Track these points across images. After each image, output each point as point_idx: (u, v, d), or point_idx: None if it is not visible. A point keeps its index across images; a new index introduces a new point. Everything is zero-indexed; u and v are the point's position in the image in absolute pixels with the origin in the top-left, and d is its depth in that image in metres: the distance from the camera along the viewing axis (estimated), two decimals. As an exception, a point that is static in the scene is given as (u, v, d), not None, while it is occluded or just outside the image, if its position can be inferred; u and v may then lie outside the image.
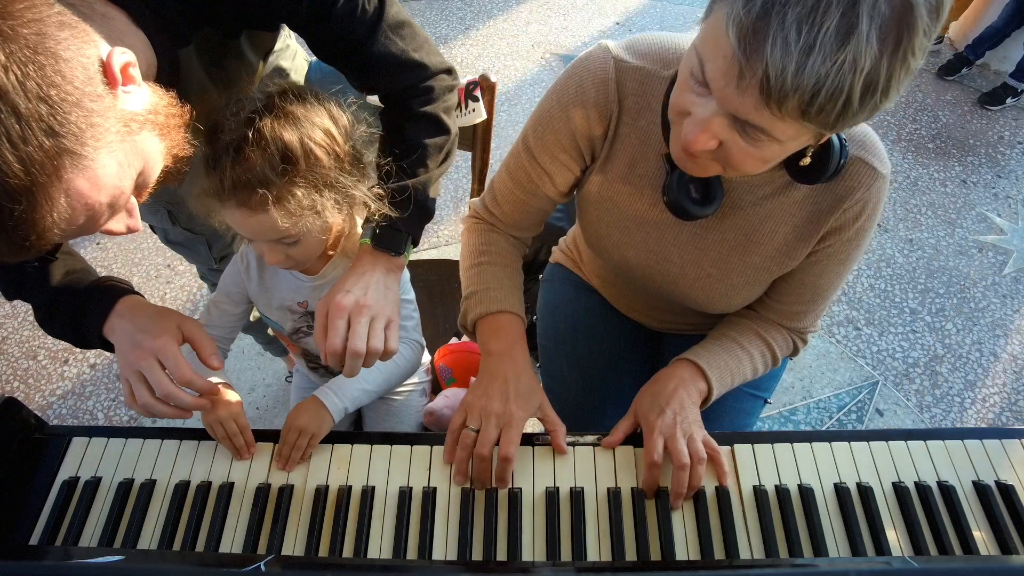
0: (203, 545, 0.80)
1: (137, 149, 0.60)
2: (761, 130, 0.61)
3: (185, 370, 0.75)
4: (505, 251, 1.02)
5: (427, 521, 0.80)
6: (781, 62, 0.53)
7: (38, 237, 0.54)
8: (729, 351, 0.94)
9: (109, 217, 0.61)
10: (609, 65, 0.83)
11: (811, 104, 0.55)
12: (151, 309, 0.80)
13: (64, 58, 0.52)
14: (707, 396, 0.90)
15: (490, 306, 0.95)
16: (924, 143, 2.87)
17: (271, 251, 0.86)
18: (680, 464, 0.80)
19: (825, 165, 0.74)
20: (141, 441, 0.89)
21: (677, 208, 0.81)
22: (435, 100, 0.89)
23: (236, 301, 1.04)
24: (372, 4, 0.79)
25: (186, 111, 0.68)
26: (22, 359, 2.03)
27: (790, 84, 0.54)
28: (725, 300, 0.95)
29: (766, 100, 0.56)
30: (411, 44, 0.85)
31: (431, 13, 3.46)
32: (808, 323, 0.98)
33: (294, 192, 0.77)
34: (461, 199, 2.51)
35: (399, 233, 0.88)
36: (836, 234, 0.85)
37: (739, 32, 0.55)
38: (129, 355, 0.76)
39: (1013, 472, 0.85)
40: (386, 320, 0.82)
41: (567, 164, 0.92)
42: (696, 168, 0.73)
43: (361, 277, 0.84)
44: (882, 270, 2.38)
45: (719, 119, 0.63)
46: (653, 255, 0.94)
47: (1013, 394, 2.03)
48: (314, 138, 0.78)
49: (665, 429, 0.83)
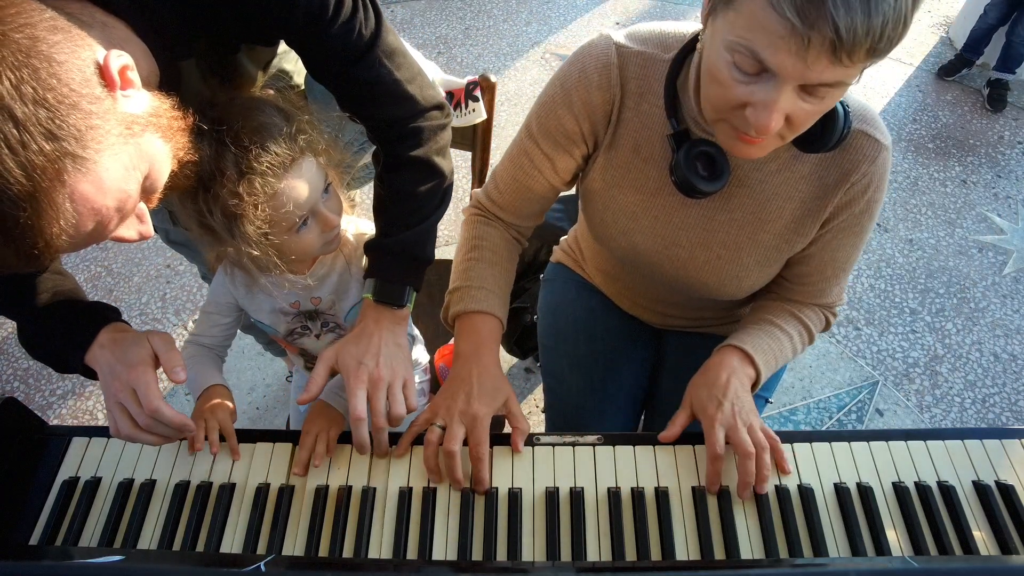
0: (203, 545, 0.80)
1: (141, 151, 0.60)
2: (830, 86, 0.65)
3: (154, 401, 0.75)
4: (498, 247, 1.02)
5: (427, 521, 0.80)
6: (848, 16, 0.57)
7: (47, 244, 0.53)
8: (770, 334, 0.94)
9: (119, 223, 0.60)
10: (611, 50, 0.85)
11: (880, 40, 0.59)
12: (130, 337, 0.81)
13: (58, 61, 0.52)
14: (756, 381, 0.91)
15: (468, 305, 0.95)
16: (924, 143, 2.87)
17: (327, 209, 0.85)
18: (746, 453, 0.80)
19: (830, 133, 0.76)
20: (141, 441, 0.89)
21: (686, 186, 0.81)
22: (425, 143, 0.88)
23: (225, 312, 1.03)
24: (369, 28, 0.79)
25: (189, 115, 0.68)
26: (22, 359, 2.03)
27: (862, 32, 0.58)
28: (736, 282, 0.96)
29: (839, 57, 0.60)
30: (404, 74, 0.84)
31: (431, 13, 3.46)
32: (835, 297, 0.99)
33: (302, 117, 0.81)
34: (461, 199, 2.51)
35: (400, 286, 0.90)
36: (847, 208, 0.86)
37: (797, 8, 0.58)
38: (110, 386, 0.77)
39: (1013, 472, 0.85)
40: (401, 382, 0.86)
41: (569, 150, 0.92)
42: (758, 150, 0.75)
43: (370, 341, 0.86)
44: (882, 270, 2.38)
45: (785, 95, 0.66)
46: (662, 240, 0.94)
47: (1013, 394, 2.03)
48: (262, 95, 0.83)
49: (725, 421, 0.83)
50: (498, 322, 0.96)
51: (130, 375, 0.76)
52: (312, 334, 1.06)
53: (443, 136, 0.92)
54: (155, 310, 2.17)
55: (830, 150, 0.79)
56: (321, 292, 1.00)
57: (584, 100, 0.87)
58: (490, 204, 1.03)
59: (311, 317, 1.04)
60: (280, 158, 0.77)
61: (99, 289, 2.23)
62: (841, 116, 0.75)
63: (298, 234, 0.85)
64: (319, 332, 1.06)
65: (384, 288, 0.89)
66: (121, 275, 2.26)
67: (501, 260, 1.01)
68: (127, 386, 0.76)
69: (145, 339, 0.80)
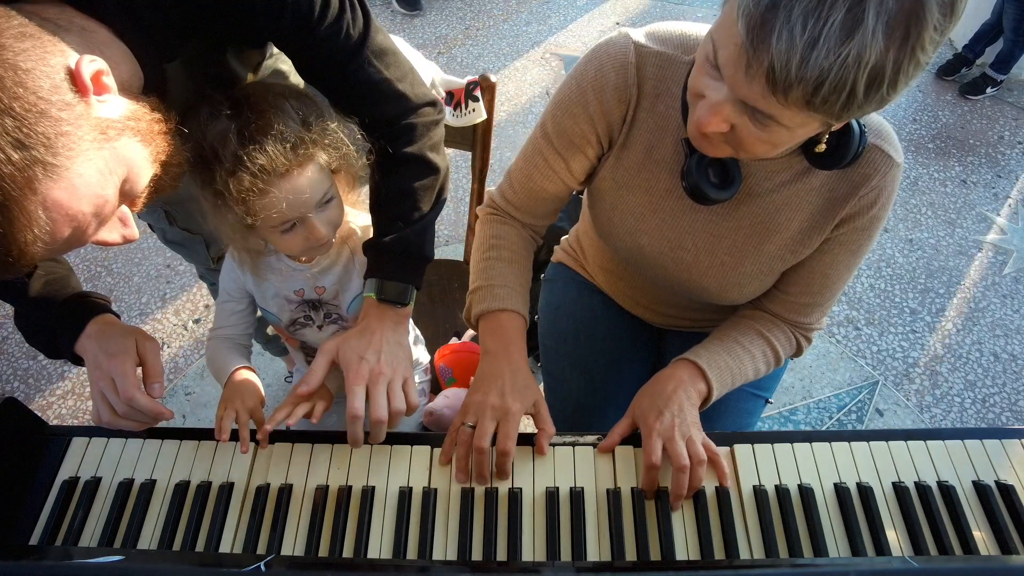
0: (203, 545, 0.80)
1: (118, 156, 0.59)
2: (769, 116, 0.63)
3: (129, 388, 0.78)
4: (516, 245, 1.02)
5: (427, 521, 0.80)
6: (786, 54, 0.55)
7: (20, 252, 0.53)
8: (730, 351, 0.93)
9: (97, 227, 0.60)
10: (629, 49, 0.84)
11: (815, 95, 0.57)
12: (117, 329, 0.83)
13: (24, 68, 0.51)
14: (707, 397, 0.90)
15: (492, 303, 0.95)
16: (924, 143, 2.87)
17: (320, 221, 0.85)
18: (679, 466, 0.79)
19: (845, 151, 0.75)
20: (141, 441, 0.89)
21: (696, 192, 0.81)
22: (418, 139, 0.89)
23: (238, 298, 1.04)
24: (357, 29, 0.79)
25: (171, 117, 0.67)
26: (22, 359, 2.03)
27: (795, 75, 0.56)
28: (737, 289, 0.95)
29: (772, 89, 0.58)
30: (394, 73, 0.84)
31: (431, 13, 3.46)
32: (814, 319, 0.98)
33: (325, 126, 0.81)
34: (461, 199, 2.51)
35: (401, 285, 0.90)
36: (850, 221, 0.86)
37: (748, 23, 0.57)
38: (93, 374, 0.80)
39: (1013, 472, 0.85)
40: (402, 379, 0.86)
41: (584, 150, 0.92)
42: (709, 148, 0.75)
43: (372, 338, 0.87)
44: (882, 270, 2.38)
45: (730, 104, 0.65)
46: (667, 242, 0.94)
47: (1013, 394, 2.03)
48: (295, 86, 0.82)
49: (664, 431, 0.82)
50: (523, 320, 0.96)
51: (109, 364, 0.79)
52: (314, 325, 1.06)
53: (436, 132, 0.92)
54: (155, 310, 2.17)
55: (844, 167, 0.78)
56: (325, 281, 1.01)
57: (600, 100, 0.86)
58: (505, 204, 1.03)
59: (314, 307, 1.04)
60: (275, 163, 0.77)
61: (99, 289, 2.21)
62: (857, 135, 0.75)
63: (283, 235, 0.86)
64: (322, 323, 1.06)
65: (386, 287, 0.90)
66: (121, 275, 2.26)
67: (520, 259, 1.02)
68: (107, 375, 0.79)
69: (133, 335, 0.82)
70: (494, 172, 1.14)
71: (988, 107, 3.06)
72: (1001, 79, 3.04)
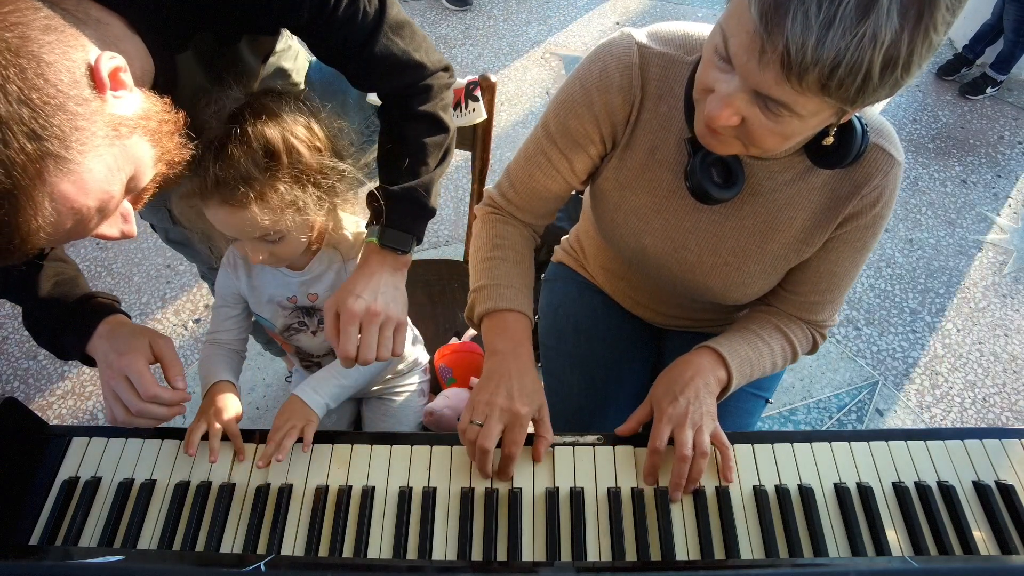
0: (203, 545, 0.80)
1: (127, 154, 0.60)
2: (783, 105, 0.63)
3: (150, 386, 0.78)
4: (518, 244, 1.02)
5: (427, 521, 0.80)
6: (801, 36, 0.55)
7: (22, 240, 0.54)
8: (750, 343, 0.93)
9: (99, 221, 0.61)
10: (633, 50, 0.84)
11: (831, 78, 0.56)
12: (127, 329, 0.84)
13: (47, 61, 0.52)
14: (726, 386, 0.90)
15: (498, 303, 0.94)
16: (924, 143, 2.87)
17: (254, 249, 0.87)
18: (681, 455, 0.79)
19: (847, 149, 0.75)
20: (141, 441, 0.89)
21: (700, 192, 0.81)
22: (433, 99, 0.90)
23: (233, 303, 1.05)
24: (373, 7, 0.79)
25: (180, 117, 0.68)
26: (22, 359, 2.03)
27: (810, 58, 0.55)
28: (741, 289, 0.95)
29: (787, 74, 0.58)
30: (411, 44, 0.85)
31: (431, 13, 3.46)
32: (826, 316, 0.98)
33: (276, 188, 0.79)
34: (461, 199, 2.51)
35: (404, 232, 0.90)
36: (853, 220, 0.86)
37: (761, 7, 0.56)
38: (104, 374, 0.80)
39: (1013, 472, 0.85)
40: (395, 325, 0.86)
41: (587, 149, 0.91)
42: (718, 145, 0.74)
43: (370, 279, 0.87)
44: (882, 270, 2.38)
45: (742, 95, 0.65)
46: (671, 242, 0.94)
47: (1013, 394, 2.03)
48: (296, 134, 0.80)
49: (676, 417, 0.82)
50: (529, 321, 0.96)
51: (120, 362, 0.79)
52: (308, 331, 1.06)
53: (448, 95, 0.94)
54: (155, 310, 2.17)
55: (846, 166, 0.78)
56: (318, 288, 1.01)
57: (604, 101, 0.86)
58: (505, 203, 1.02)
59: (308, 313, 1.04)
60: (218, 188, 0.78)
61: (99, 289, 2.22)
62: (859, 133, 0.75)
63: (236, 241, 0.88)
64: (315, 329, 1.06)
65: (388, 233, 0.90)
66: (121, 275, 2.26)
67: (523, 258, 1.01)
68: (120, 374, 0.79)
69: (144, 335, 0.83)
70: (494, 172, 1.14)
71: (988, 107, 3.06)
72: (1001, 79, 3.04)
